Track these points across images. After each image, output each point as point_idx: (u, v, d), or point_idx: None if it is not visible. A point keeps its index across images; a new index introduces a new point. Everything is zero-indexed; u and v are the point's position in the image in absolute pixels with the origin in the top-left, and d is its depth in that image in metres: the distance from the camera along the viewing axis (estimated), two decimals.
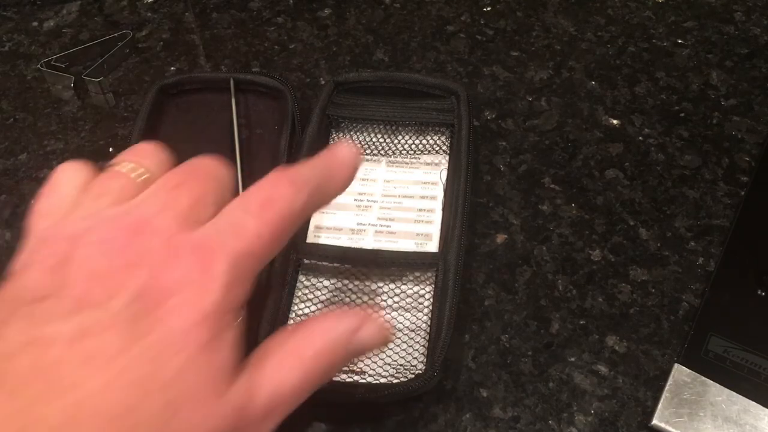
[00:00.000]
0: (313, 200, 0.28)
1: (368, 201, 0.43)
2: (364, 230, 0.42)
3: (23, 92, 0.53)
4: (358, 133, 0.46)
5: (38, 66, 0.53)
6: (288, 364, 0.26)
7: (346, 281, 0.39)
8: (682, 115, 0.49)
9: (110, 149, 0.49)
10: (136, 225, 0.25)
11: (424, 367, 0.36)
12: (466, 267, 0.41)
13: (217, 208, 0.27)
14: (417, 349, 0.37)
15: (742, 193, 0.44)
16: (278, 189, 0.27)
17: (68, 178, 0.28)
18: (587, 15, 0.55)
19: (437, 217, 0.42)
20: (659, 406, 0.35)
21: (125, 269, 0.24)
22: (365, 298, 0.39)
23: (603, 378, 0.38)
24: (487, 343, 0.39)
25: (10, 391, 0.21)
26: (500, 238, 0.43)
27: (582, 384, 0.37)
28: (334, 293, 0.39)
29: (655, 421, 0.35)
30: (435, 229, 0.41)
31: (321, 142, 0.45)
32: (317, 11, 0.57)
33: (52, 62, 0.53)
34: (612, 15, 0.55)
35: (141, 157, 0.29)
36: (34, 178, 0.48)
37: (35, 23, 0.58)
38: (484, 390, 0.37)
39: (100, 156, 0.49)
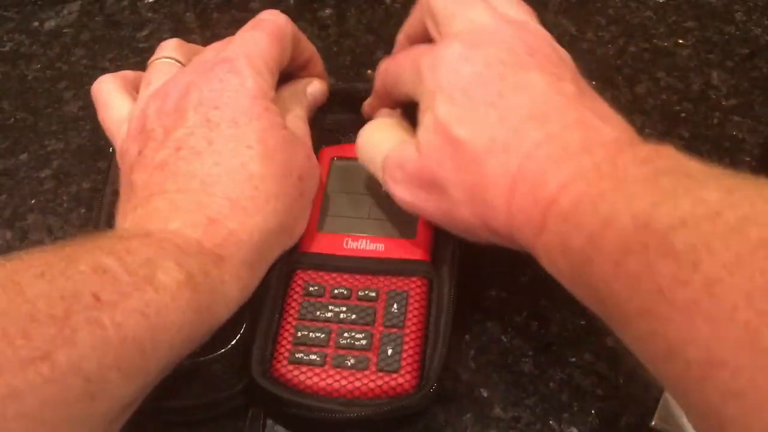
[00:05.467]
0: (297, 32, 0.41)
1: None
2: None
3: (24, 92, 0.53)
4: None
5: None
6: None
7: (337, 292, 0.38)
8: (683, 115, 0.49)
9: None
10: (177, 78, 0.37)
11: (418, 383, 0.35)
12: (466, 267, 0.41)
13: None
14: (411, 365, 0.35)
15: None
16: (264, 14, 0.40)
17: (109, 90, 0.40)
18: (588, 15, 0.55)
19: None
20: (659, 406, 0.35)
21: (182, 101, 0.35)
22: (358, 312, 0.37)
23: (603, 378, 0.38)
24: (488, 343, 0.39)
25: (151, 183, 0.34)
26: None
27: (583, 384, 0.37)
28: (326, 306, 0.37)
29: (655, 421, 0.35)
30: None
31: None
32: (318, 11, 0.57)
33: None
34: (612, 15, 0.55)
35: (170, 51, 0.40)
36: (35, 178, 0.48)
37: (36, 23, 0.58)
38: (484, 390, 0.37)
39: (100, 156, 0.49)
